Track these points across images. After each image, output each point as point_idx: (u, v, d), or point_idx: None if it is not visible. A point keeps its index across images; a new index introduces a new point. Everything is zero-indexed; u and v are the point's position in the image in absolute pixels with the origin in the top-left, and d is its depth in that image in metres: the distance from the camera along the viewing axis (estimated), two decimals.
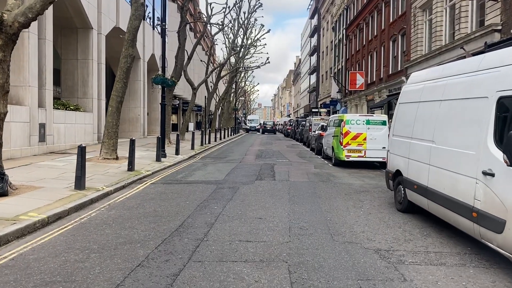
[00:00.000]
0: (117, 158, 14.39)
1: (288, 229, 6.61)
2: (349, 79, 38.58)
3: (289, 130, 46.56)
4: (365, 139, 15.32)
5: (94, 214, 7.63)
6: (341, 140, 15.48)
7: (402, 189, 8.05)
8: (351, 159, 15.43)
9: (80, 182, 9.18)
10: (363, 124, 15.39)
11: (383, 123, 15.44)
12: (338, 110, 42.46)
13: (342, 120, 15.72)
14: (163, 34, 17.87)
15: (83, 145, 9.38)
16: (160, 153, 15.61)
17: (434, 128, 6.78)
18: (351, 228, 6.77)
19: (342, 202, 8.98)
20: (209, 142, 27.43)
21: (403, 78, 26.34)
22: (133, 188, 10.41)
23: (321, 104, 60.00)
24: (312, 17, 77.78)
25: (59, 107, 17.67)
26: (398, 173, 8.33)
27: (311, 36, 78.07)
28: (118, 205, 8.41)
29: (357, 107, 39.49)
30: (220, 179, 11.97)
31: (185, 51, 28.23)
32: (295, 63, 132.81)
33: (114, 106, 14.43)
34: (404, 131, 8.18)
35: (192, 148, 21.74)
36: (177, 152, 18.19)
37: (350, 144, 15.38)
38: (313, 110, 61.78)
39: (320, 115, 49.46)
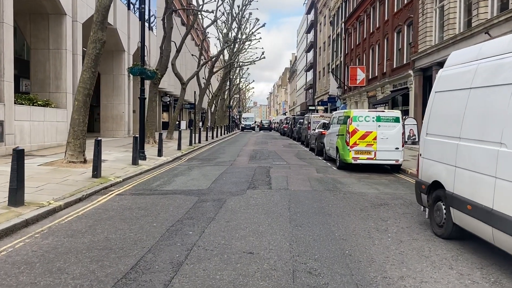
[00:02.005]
0: (85, 162, 12.20)
1: (291, 275, 4.46)
2: (348, 75, 36.48)
3: (285, 129, 44.40)
4: (375, 138, 13.21)
5: (20, 245, 5.46)
6: (347, 140, 13.36)
7: (444, 207, 5.94)
8: (359, 161, 13.31)
9: (15, 197, 6.98)
10: (373, 121, 13.26)
11: (396, 119, 13.33)
12: (338, 107, 40.31)
13: (348, 117, 13.59)
14: (141, 17, 15.62)
15: (21, 148, 7.17)
16: (138, 155, 13.41)
17: (503, 125, 4.66)
18: (383, 271, 4.64)
19: (359, 222, 6.84)
20: (199, 142, 25.23)
21: (410, 71, 24.26)
22: (92, 202, 8.23)
23: (318, 102, 57.96)
24: (308, 12, 75.60)
25: (23, 102, 15.41)
26: (436, 185, 6.21)
27: (308, 32, 75.88)
28: (61, 229, 6.23)
29: (357, 104, 37.40)
30: (204, 188, 9.81)
31: (174, 43, 26.02)
32: (290, 61, 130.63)
33: (81, 100, 12.23)
34: (445, 128, 6.06)
35: (179, 148, 19.54)
36: (159, 154, 15.99)
37: (357, 144, 13.26)
38: (310, 107, 59.66)
39: (317, 112, 47.30)
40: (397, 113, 13.65)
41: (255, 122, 68.49)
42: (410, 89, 24.62)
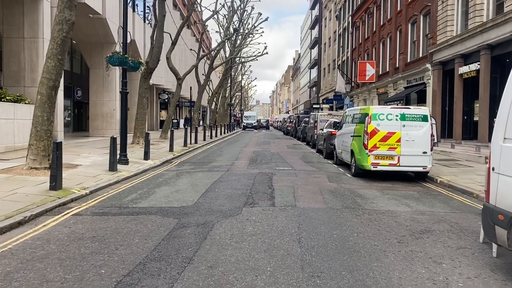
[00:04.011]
0: (50, 168, 10.09)
1: None
2: (357, 70, 34.26)
3: (289, 128, 42.24)
4: (399, 140, 11.06)
5: None
6: (365, 142, 11.22)
7: None
8: (379, 168, 11.16)
9: None
10: (396, 119, 11.11)
11: (424, 118, 11.17)
12: (347, 105, 38.04)
13: (366, 115, 11.43)
14: None
15: None
16: (116, 159, 11.31)
17: None
18: None
19: (403, 267, 4.70)
20: (195, 142, 23.09)
21: (428, 65, 22.06)
22: (36, 226, 6.14)
23: (323, 100, 55.75)
24: (313, 8, 73.29)
25: None
26: None
27: (312, 28, 73.58)
28: None
29: (366, 102, 35.17)
30: (189, 205, 7.70)
31: (169, 35, 23.95)
32: (294, 58, 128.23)
33: (45, 93, 10.19)
34: None
35: (171, 150, 17.44)
36: (146, 157, 13.90)
37: (378, 147, 11.12)
38: (314, 106, 57.39)
39: (322, 110, 45.03)
40: (425, 110, 11.46)
41: (257, 120, 66.36)
42: (427, 84, 22.43)
